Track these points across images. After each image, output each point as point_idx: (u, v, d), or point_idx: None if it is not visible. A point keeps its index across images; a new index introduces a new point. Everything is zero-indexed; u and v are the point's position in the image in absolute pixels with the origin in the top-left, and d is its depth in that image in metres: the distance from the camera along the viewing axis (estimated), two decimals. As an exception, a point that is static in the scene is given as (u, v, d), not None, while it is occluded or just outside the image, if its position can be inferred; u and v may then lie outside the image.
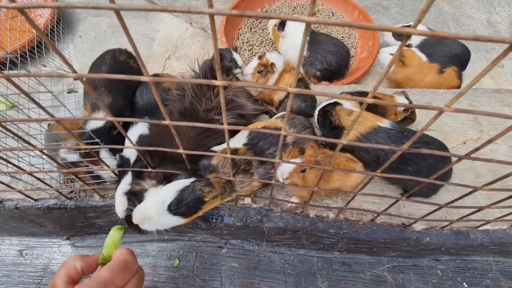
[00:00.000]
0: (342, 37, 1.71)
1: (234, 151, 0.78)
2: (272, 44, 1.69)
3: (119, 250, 0.65)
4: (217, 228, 0.96)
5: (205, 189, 0.66)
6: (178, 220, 0.66)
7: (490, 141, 0.47)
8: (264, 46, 1.68)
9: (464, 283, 1.08)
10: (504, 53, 0.32)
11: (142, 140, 0.83)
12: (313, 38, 1.47)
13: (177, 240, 1.16)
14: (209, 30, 1.81)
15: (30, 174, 0.74)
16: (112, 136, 0.82)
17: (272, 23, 1.54)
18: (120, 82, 0.96)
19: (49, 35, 1.51)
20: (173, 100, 0.94)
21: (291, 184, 0.77)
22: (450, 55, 1.38)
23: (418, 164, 0.80)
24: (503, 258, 1.10)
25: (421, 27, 1.45)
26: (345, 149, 0.85)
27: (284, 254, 1.13)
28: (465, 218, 0.77)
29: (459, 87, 1.35)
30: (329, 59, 1.44)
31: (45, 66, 1.56)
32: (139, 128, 0.86)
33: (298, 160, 0.74)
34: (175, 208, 0.65)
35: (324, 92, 0.42)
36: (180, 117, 0.87)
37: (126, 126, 0.90)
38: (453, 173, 0.97)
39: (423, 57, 1.31)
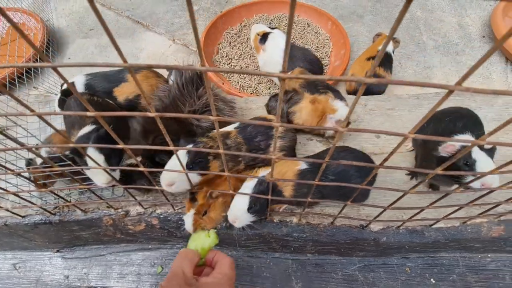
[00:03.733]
0: (317, 47, 1.79)
1: (227, 134, 0.88)
2: (251, 57, 1.77)
3: (220, 253, 0.74)
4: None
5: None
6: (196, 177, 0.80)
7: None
8: (243, 59, 1.76)
9: (432, 279, 1.13)
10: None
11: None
12: (290, 54, 1.54)
13: (160, 248, 1.24)
14: (191, 46, 1.90)
15: (15, 194, 0.82)
16: (101, 135, 0.85)
17: (254, 31, 1.60)
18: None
19: (38, 59, 1.61)
20: (158, 98, 1.02)
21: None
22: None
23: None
24: (469, 254, 1.15)
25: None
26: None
27: (260, 258, 1.19)
28: (412, 218, 0.83)
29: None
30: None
31: (36, 88, 1.65)
32: None
33: (191, 212, 0.81)
34: (192, 167, 0.78)
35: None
36: (164, 111, 0.96)
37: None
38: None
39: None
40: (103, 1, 2.18)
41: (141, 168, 0.65)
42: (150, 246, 1.24)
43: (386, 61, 1.47)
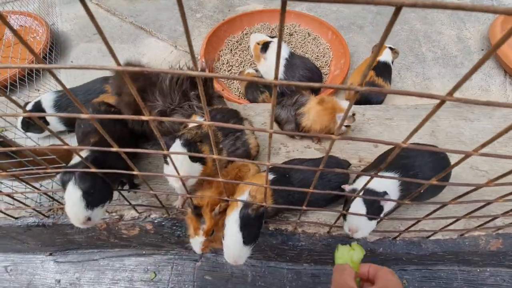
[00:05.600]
0: (317, 56, 1.81)
1: (199, 126, 0.84)
2: (251, 64, 1.79)
3: (374, 265, 0.70)
4: (184, 242, 1.01)
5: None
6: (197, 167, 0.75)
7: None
8: (243, 67, 1.78)
9: (430, 293, 1.11)
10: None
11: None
12: (290, 62, 1.55)
13: (154, 254, 1.22)
14: (193, 53, 1.92)
15: (8, 195, 0.82)
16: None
17: (254, 40, 1.62)
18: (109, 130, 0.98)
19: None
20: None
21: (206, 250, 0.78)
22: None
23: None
24: (468, 267, 1.13)
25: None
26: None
27: (255, 266, 1.18)
28: (409, 229, 0.82)
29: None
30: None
31: (38, 91, 1.67)
32: None
33: (201, 238, 0.74)
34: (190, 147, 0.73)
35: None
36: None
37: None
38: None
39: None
40: (108, 7, 2.22)
41: (136, 172, 0.65)
42: (144, 252, 1.23)
43: (385, 71, 1.48)
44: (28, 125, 1.11)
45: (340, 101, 1.09)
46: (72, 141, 1.15)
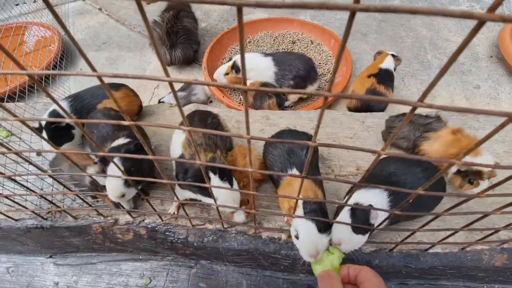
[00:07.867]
0: (320, 63, 1.81)
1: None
2: (253, 71, 1.80)
3: (353, 265, 0.69)
4: (178, 248, 1.01)
5: None
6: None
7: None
8: (245, 74, 1.79)
9: (432, 309, 1.06)
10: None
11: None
12: (275, 58, 1.56)
13: (150, 259, 1.22)
14: (196, 60, 1.96)
15: (7, 197, 0.85)
16: (129, 150, 0.84)
17: (220, 74, 1.59)
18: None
19: (51, 69, 1.70)
20: None
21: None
22: None
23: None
24: (474, 283, 1.08)
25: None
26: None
27: (251, 275, 1.16)
28: (404, 241, 0.79)
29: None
30: (296, 67, 1.52)
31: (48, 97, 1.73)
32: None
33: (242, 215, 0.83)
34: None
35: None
36: None
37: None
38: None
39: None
40: (117, 17, 2.30)
41: (164, 181, 0.64)
42: (140, 257, 1.23)
43: (387, 78, 1.46)
44: (54, 137, 1.08)
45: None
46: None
